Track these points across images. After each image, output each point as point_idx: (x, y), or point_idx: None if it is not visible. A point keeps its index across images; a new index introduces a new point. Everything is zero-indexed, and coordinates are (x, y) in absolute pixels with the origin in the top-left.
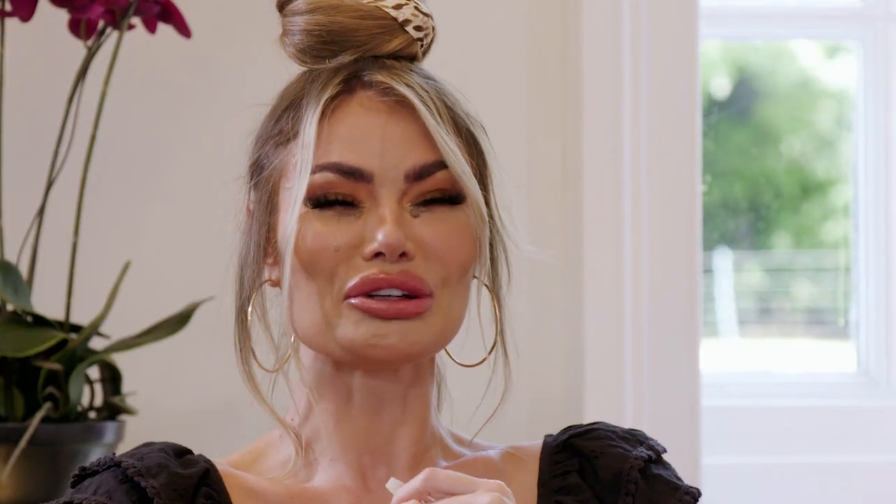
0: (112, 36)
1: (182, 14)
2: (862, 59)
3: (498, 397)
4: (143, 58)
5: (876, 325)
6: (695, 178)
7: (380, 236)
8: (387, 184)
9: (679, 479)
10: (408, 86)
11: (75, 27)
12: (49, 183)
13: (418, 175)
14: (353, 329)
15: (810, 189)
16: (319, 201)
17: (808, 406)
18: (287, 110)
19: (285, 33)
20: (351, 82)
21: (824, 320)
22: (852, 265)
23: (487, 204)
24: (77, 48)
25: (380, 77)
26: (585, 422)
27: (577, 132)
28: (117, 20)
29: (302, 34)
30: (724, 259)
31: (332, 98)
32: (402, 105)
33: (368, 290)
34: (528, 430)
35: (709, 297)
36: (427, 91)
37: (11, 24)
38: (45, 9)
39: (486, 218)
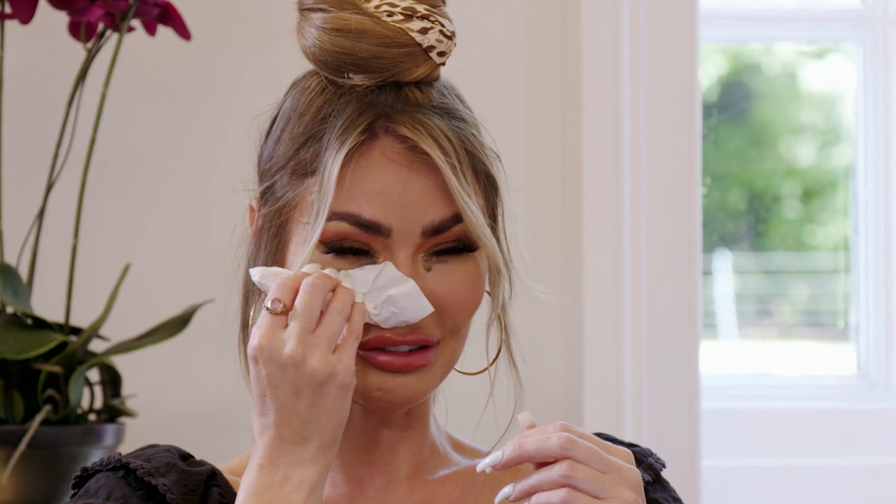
0: (112, 38)
1: (182, 17)
2: (861, 62)
3: (505, 404)
4: (142, 60)
5: (875, 327)
6: (694, 180)
7: None
8: (403, 238)
9: (677, 500)
10: (432, 137)
11: (75, 30)
12: (49, 185)
13: (436, 230)
14: (358, 376)
15: (809, 191)
16: (334, 247)
17: (808, 408)
18: (308, 142)
19: (302, 36)
20: (374, 126)
21: (823, 322)
22: (852, 267)
23: (497, 233)
24: (77, 51)
25: (405, 130)
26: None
27: (576, 134)
28: (117, 23)
29: (323, 51)
30: (723, 261)
31: (356, 145)
32: (425, 158)
33: (376, 347)
34: None
35: (708, 299)
36: (450, 139)
37: (11, 26)
38: (44, 11)
39: (504, 269)
